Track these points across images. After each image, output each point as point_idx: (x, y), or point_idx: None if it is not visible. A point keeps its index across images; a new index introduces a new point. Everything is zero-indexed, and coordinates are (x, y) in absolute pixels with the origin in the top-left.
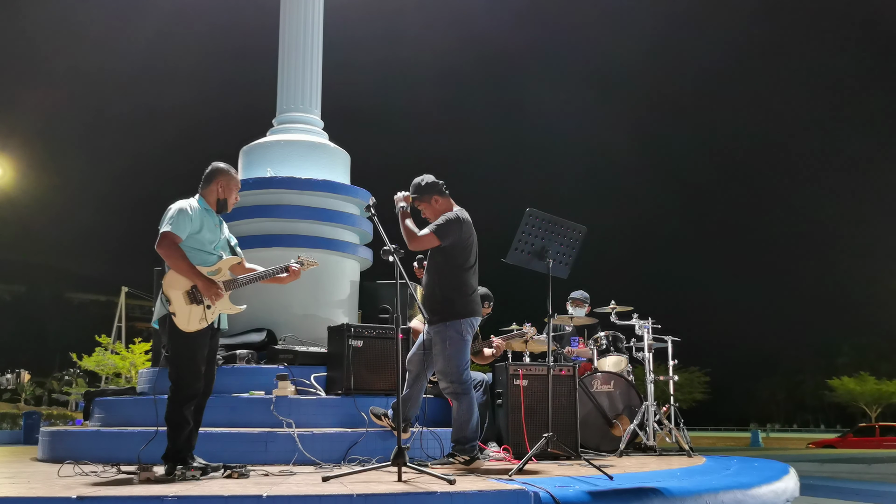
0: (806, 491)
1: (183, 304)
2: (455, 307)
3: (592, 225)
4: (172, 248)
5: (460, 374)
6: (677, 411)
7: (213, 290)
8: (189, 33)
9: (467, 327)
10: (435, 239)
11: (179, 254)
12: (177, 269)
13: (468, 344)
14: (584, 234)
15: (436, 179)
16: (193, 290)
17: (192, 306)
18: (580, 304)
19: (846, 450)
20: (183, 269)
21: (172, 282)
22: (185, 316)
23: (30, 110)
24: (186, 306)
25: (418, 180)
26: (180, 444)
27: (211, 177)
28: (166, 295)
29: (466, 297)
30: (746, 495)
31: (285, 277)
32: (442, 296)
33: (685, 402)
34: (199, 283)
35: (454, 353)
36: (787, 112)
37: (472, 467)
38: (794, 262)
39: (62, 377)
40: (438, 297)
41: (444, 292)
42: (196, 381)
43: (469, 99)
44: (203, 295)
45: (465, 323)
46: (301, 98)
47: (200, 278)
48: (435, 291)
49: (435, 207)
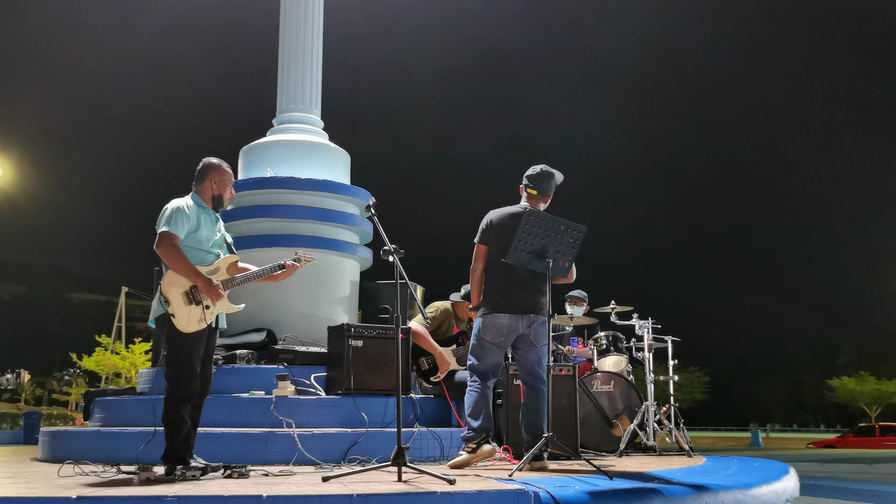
0: (806, 491)
1: (182, 304)
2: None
3: (592, 225)
4: (172, 248)
5: (467, 366)
6: (677, 411)
7: (214, 291)
8: (189, 33)
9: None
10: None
11: (179, 254)
12: (177, 270)
13: (480, 340)
14: (584, 233)
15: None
16: (193, 290)
17: (192, 307)
18: (578, 303)
19: (846, 450)
20: (183, 270)
21: (171, 282)
22: (184, 316)
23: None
24: (186, 307)
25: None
26: (179, 443)
27: (204, 173)
28: (165, 295)
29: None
30: (746, 495)
31: (279, 275)
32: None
33: (685, 402)
34: (200, 283)
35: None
36: (788, 112)
37: (478, 455)
38: (795, 262)
39: (62, 377)
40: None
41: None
42: (193, 382)
43: (469, 99)
44: (203, 295)
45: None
46: (301, 98)
47: (201, 278)
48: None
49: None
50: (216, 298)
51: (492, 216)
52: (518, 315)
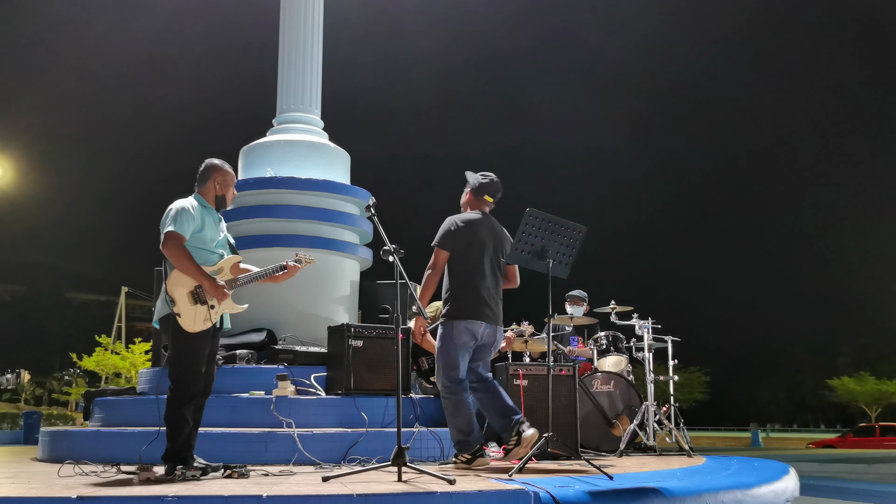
0: (806, 491)
1: (188, 304)
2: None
3: (592, 225)
4: (178, 248)
5: (441, 375)
6: (677, 411)
7: (220, 291)
8: (189, 33)
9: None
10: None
11: (185, 254)
12: (183, 270)
13: (455, 346)
14: (583, 233)
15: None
16: (198, 290)
17: (197, 306)
18: (578, 303)
19: (846, 450)
20: (190, 270)
21: (177, 281)
22: (190, 316)
23: (30, 110)
24: (191, 306)
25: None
26: (180, 444)
27: (207, 174)
28: (171, 295)
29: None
30: (746, 495)
31: (281, 276)
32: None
33: (685, 402)
34: (206, 283)
35: (439, 354)
36: (788, 112)
37: (473, 466)
38: (795, 262)
39: (62, 377)
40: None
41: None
42: (196, 382)
43: (469, 99)
44: (209, 295)
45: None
46: (301, 98)
47: (207, 279)
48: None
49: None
50: (221, 298)
51: (457, 220)
52: (494, 325)
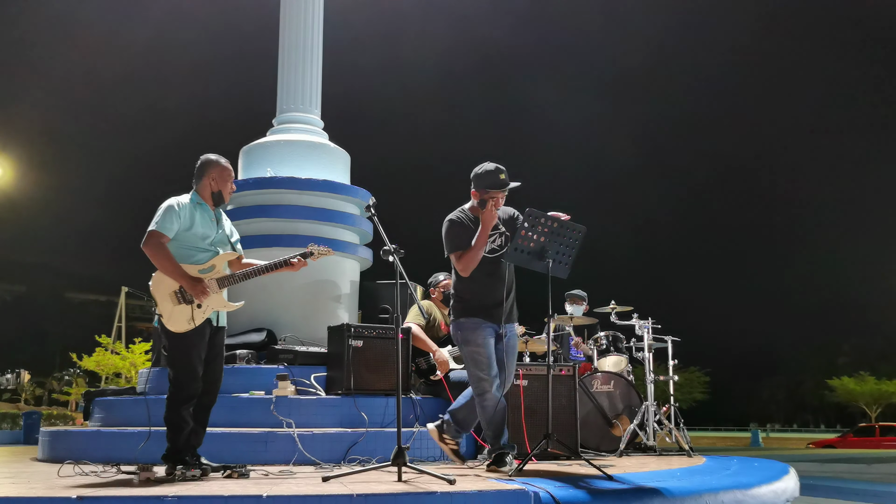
0: (806, 491)
1: (169, 304)
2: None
3: (593, 225)
4: (157, 247)
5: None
6: (677, 411)
7: (199, 289)
8: (189, 33)
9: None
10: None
11: (164, 253)
12: (162, 269)
13: (480, 348)
14: (583, 233)
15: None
16: (181, 289)
17: (180, 306)
18: (578, 302)
19: (846, 450)
20: (167, 269)
21: (159, 281)
22: (170, 316)
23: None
24: (175, 306)
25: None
26: (180, 444)
27: (203, 170)
28: (153, 296)
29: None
30: (746, 495)
31: (285, 269)
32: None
33: (685, 402)
34: (184, 282)
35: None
36: (788, 113)
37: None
38: (795, 262)
39: (62, 377)
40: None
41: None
42: (193, 382)
43: (469, 99)
44: (189, 294)
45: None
46: (301, 98)
47: (185, 278)
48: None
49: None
50: (203, 297)
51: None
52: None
